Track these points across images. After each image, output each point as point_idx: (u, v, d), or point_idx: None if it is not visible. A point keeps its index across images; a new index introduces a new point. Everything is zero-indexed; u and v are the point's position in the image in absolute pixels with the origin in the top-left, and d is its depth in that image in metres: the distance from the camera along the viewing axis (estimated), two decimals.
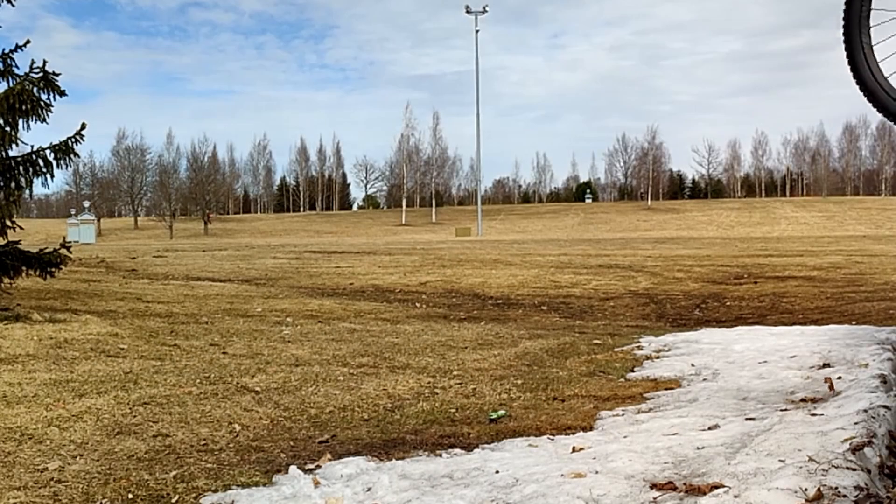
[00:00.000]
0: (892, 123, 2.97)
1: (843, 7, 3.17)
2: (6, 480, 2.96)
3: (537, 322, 9.37)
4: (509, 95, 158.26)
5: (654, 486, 2.53)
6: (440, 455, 3.34)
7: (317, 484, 2.88)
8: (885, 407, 3.19)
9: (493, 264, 17.38)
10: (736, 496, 2.26)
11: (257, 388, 4.74)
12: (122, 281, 12.99)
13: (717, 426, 3.44)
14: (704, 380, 4.88)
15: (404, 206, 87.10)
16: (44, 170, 7.67)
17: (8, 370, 4.84)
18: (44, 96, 7.53)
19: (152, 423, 3.89)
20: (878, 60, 3.00)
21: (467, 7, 64.53)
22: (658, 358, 5.83)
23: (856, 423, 2.90)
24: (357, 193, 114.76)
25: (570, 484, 2.59)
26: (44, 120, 7.57)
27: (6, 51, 7.74)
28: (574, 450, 3.20)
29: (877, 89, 2.96)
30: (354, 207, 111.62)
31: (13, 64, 7.74)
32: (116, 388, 4.55)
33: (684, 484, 2.50)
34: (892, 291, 11.47)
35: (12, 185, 7.59)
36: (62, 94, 7.64)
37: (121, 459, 3.28)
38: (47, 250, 7.69)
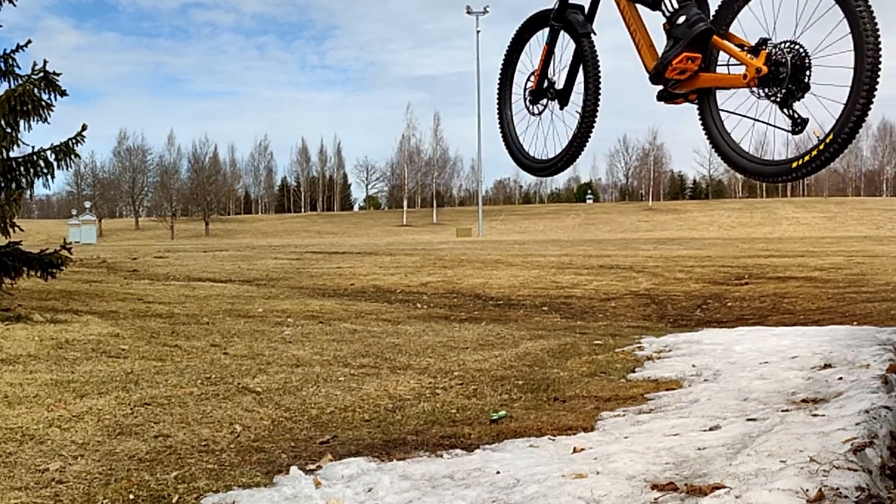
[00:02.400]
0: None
1: (499, 78, 3.98)
2: (8, 481, 2.96)
3: (538, 322, 9.37)
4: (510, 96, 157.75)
5: (655, 487, 2.53)
6: (441, 456, 3.34)
7: (318, 484, 2.88)
8: (886, 408, 3.19)
9: (493, 265, 17.38)
10: (737, 497, 2.26)
11: (258, 389, 4.74)
12: (124, 281, 12.99)
13: (718, 427, 3.44)
14: (705, 380, 4.88)
15: (405, 207, 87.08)
16: (45, 170, 7.67)
17: (9, 371, 4.84)
18: (45, 96, 7.54)
19: (153, 423, 3.89)
20: (516, 124, 3.88)
21: (468, 8, 64.44)
22: (659, 359, 5.83)
23: (857, 424, 2.90)
24: (358, 194, 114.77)
25: (571, 484, 2.59)
26: (45, 120, 7.57)
27: (7, 51, 7.75)
28: (575, 450, 3.20)
29: (516, 149, 3.84)
30: (355, 208, 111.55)
31: (14, 64, 7.75)
32: (117, 388, 4.55)
33: (685, 485, 2.50)
34: (893, 292, 11.46)
35: (13, 185, 7.59)
36: (63, 94, 7.64)
37: (122, 460, 3.28)
38: (48, 251, 7.70)
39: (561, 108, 3.58)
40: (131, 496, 2.82)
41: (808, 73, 2.71)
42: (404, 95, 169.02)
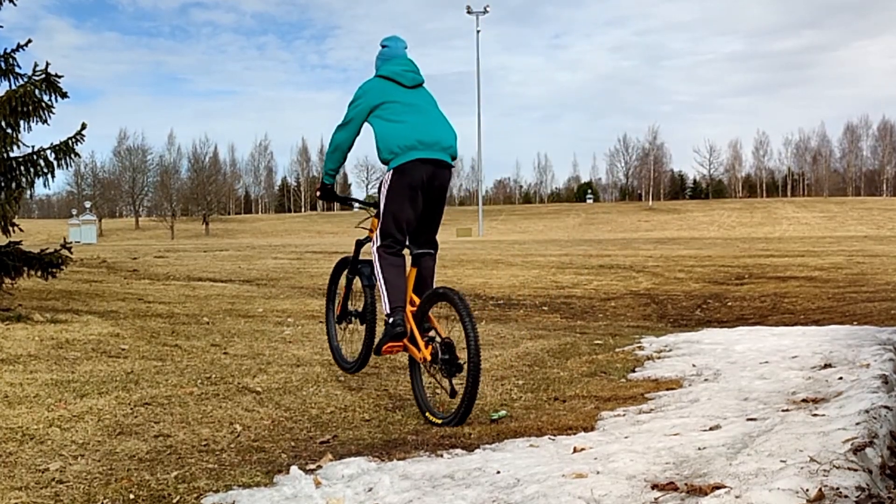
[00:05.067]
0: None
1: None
2: (8, 481, 2.96)
3: (538, 322, 9.37)
4: (511, 95, 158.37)
5: (655, 487, 2.53)
6: (441, 455, 3.34)
7: (318, 484, 2.88)
8: (886, 407, 3.19)
9: (494, 265, 17.39)
10: (737, 497, 2.26)
11: (258, 389, 4.74)
12: (124, 281, 12.99)
13: (718, 426, 3.44)
14: (706, 380, 4.88)
15: None
16: (45, 170, 7.66)
17: (9, 370, 4.84)
18: (45, 98, 7.52)
19: (154, 423, 3.89)
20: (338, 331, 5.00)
21: (468, 7, 64.46)
22: (659, 358, 5.83)
23: (857, 424, 2.90)
24: (358, 194, 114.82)
25: (571, 484, 2.59)
26: (45, 121, 7.56)
27: (7, 50, 7.75)
28: (575, 450, 3.20)
29: (340, 353, 4.96)
30: (355, 208, 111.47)
31: (15, 63, 7.74)
32: (118, 388, 4.55)
33: (686, 484, 2.50)
34: (893, 292, 11.46)
35: (13, 185, 7.58)
36: (64, 95, 7.63)
37: (122, 460, 3.29)
38: (48, 251, 7.69)
39: (361, 325, 4.65)
40: (131, 496, 2.82)
41: (457, 360, 3.98)
42: None
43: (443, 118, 4.31)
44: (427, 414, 4.11)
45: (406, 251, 4.37)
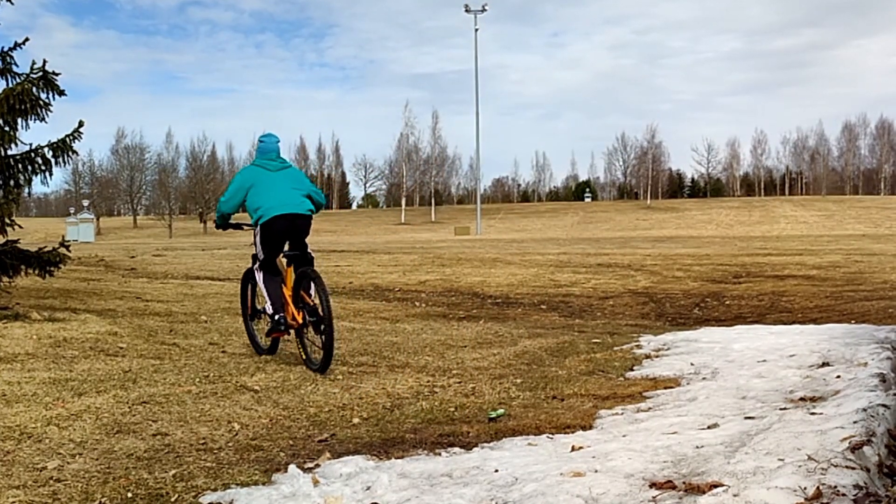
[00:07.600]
0: None
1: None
2: (5, 479, 2.96)
3: (536, 321, 9.37)
4: (509, 94, 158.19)
5: (653, 485, 2.53)
6: (439, 454, 3.34)
7: (316, 483, 2.88)
8: (884, 406, 3.19)
9: (492, 263, 17.38)
10: (735, 495, 2.27)
11: (256, 387, 4.74)
12: (122, 280, 12.98)
13: (716, 425, 3.44)
14: (704, 379, 4.88)
15: (403, 205, 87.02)
16: (42, 167, 7.64)
17: (7, 369, 4.84)
18: (43, 96, 7.50)
19: (151, 421, 3.89)
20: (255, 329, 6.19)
21: (466, 6, 64.47)
22: (657, 357, 5.83)
23: (855, 422, 2.90)
24: (356, 192, 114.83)
25: (569, 483, 2.59)
26: (43, 119, 7.54)
27: (5, 49, 7.73)
28: (573, 449, 3.20)
29: (256, 342, 6.10)
30: (353, 206, 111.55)
31: (12, 62, 7.73)
32: (116, 386, 4.55)
33: (684, 483, 2.50)
34: (890, 290, 11.47)
35: (11, 183, 7.57)
36: (62, 93, 7.61)
37: (120, 458, 3.28)
38: (46, 249, 7.67)
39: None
40: (129, 494, 2.82)
41: (322, 318, 5.21)
42: (403, 93, 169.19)
43: (301, 188, 5.71)
44: (308, 364, 5.36)
45: (282, 259, 5.66)
